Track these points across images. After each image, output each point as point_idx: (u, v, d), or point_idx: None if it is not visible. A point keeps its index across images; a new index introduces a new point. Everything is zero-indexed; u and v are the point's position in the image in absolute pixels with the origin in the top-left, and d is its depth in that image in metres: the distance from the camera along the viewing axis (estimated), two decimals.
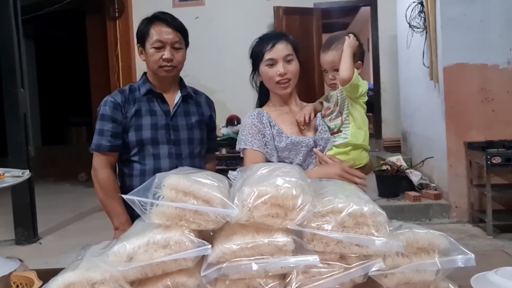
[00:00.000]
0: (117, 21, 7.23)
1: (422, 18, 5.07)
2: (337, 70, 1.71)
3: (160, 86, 1.99)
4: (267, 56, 1.71)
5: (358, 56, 1.74)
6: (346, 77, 1.66)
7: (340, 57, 1.70)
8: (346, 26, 11.00)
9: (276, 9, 6.81)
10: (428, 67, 4.98)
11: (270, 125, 1.71)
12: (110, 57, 7.30)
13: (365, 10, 8.27)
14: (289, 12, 6.85)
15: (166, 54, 1.88)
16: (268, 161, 1.68)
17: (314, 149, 1.71)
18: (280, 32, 1.81)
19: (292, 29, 6.78)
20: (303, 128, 1.76)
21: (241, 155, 1.77)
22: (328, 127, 1.76)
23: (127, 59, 7.22)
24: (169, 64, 1.90)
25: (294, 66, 1.73)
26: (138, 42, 1.98)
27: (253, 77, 1.84)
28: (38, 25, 8.38)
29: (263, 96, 1.86)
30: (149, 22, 1.93)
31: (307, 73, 6.04)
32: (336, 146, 1.71)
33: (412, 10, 5.22)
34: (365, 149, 1.75)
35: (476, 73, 4.61)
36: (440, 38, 4.68)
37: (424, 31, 5.04)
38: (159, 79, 1.97)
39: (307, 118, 1.75)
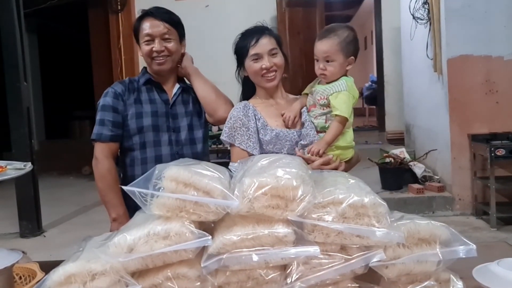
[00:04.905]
0: (120, 14, 7.22)
1: (426, 10, 5.02)
2: (329, 61, 1.70)
3: (158, 80, 2.01)
4: (252, 51, 1.74)
5: (352, 51, 1.73)
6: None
7: (335, 49, 1.69)
8: (350, 18, 10.93)
9: (279, 1, 6.77)
10: (431, 59, 4.94)
11: (255, 118, 1.75)
12: (112, 51, 7.30)
13: (369, 2, 8.23)
14: (292, 4, 6.80)
15: (156, 46, 1.90)
16: (250, 155, 1.69)
17: (296, 148, 1.71)
18: (262, 26, 1.83)
19: (295, 21, 6.74)
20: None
21: (226, 145, 1.83)
22: (312, 123, 1.77)
23: (129, 53, 7.20)
24: (160, 55, 1.92)
25: (278, 59, 1.76)
26: (136, 41, 2.01)
27: (238, 72, 1.88)
28: (41, 19, 8.37)
29: (247, 90, 1.89)
30: (139, 19, 1.97)
31: (308, 66, 5.99)
32: None
33: (416, 1, 5.17)
34: (351, 147, 1.77)
35: (480, 64, 4.58)
36: (444, 29, 4.64)
37: (428, 22, 4.99)
38: (156, 73, 1.99)
39: (291, 120, 1.76)
